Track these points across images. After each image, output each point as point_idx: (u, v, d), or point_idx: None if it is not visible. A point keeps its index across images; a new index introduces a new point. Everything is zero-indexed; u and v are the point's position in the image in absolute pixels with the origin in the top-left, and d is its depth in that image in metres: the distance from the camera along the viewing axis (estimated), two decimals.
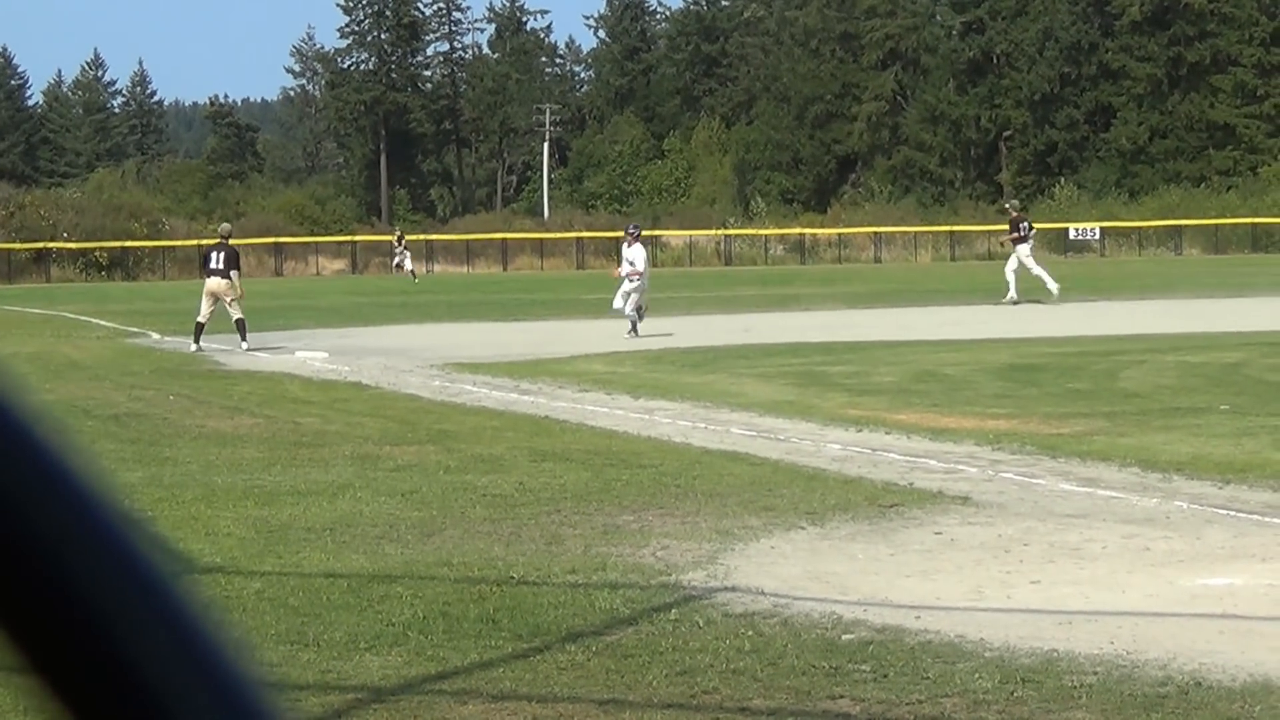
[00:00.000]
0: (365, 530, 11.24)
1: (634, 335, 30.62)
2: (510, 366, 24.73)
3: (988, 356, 24.48)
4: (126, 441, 16.40)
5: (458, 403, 19.89)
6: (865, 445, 15.26)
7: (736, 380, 21.99)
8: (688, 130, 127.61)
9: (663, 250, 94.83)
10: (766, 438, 15.97)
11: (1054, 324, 32.23)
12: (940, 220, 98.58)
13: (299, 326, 35.54)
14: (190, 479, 13.73)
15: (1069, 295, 41.28)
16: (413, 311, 42.89)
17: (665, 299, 47.08)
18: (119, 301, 51.90)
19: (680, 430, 16.68)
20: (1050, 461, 14.05)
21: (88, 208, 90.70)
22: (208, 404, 20.11)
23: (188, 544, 10.71)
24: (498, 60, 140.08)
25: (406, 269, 77.12)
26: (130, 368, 25.97)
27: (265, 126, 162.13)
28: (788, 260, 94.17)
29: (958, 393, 19.76)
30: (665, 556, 10.25)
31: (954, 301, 42.71)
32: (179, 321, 38.37)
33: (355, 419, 18.18)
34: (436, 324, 37.64)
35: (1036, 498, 12.27)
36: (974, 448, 14.98)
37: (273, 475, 13.89)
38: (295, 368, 25.69)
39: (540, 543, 10.72)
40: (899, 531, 10.99)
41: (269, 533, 11.19)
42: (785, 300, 45.39)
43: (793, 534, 10.94)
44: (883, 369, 22.98)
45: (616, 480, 13.24)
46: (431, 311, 42.76)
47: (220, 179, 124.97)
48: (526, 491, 12.77)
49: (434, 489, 12.95)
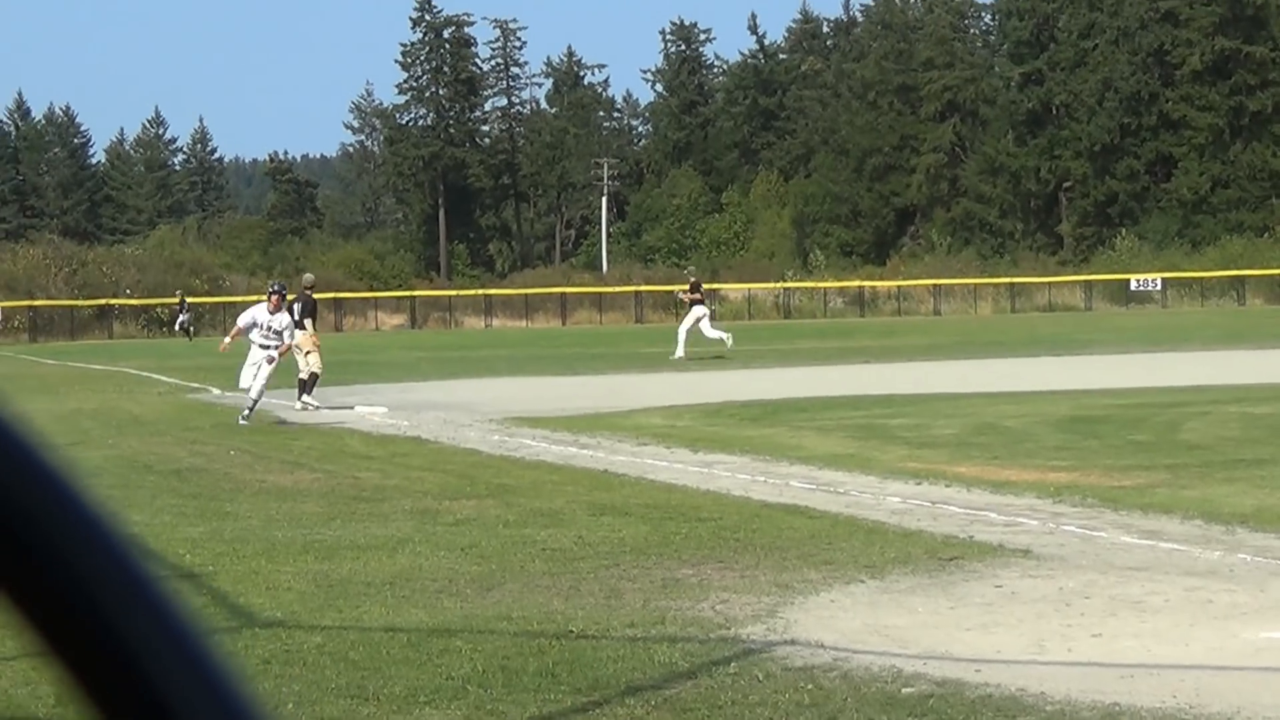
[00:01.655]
0: (424, 585, 11.28)
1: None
2: (569, 420, 24.76)
3: (1048, 408, 24.38)
4: (188, 496, 16.51)
5: (517, 457, 19.93)
6: (925, 498, 15.22)
7: (796, 433, 21.96)
8: (746, 183, 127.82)
9: (722, 304, 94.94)
10: (826, 491, 15.95)
11: (1115, 376, 32.07)
12: (1000, 272, 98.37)
13: (358, 381, 35.70)
14: (251, 533, 13.80)
15: (1130, 346, 41.07)
16: (472, 366, 43.03)
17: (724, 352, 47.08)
18: (180, 358, 52.26)
19: (739, 484, 16.67)
20: (1112, 514, 13.98)
21: (149, 264, 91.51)
22: (268, 459, 20.22)
23: (249, 598, 10.77)
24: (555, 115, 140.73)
25: (184, 328, 77.95)
26: (191, 423, 26.14)
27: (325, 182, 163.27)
28: (847, 313, 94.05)
29: (1018, 445, 19.69)
30: (724, 610, 10.25)
31: (1014, 353, 42.55)
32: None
33: (414, 473, 18.24)
34: (495, 378, 37.73)
35: (1098, 550, 12.21)
36: (1035, 500, 14.92)
37: (332, 530, 13.96)
38: (355, 422, 25.80)
39: (599, 596, 10.73)
40: (959, 585, 10.97)
41: (329, 587, 11.25)
42: (845, 353, 45.30)
43: (852, 587, 10.92)
44: (942, 421, 22.90)
45: (675, 534, 13.24)
46: (491, 366, 42.87)
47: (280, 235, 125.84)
48: (586, 545, 12.79)
49: (493, 543, 12.99)
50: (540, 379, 37.11)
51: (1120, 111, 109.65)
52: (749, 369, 39.22)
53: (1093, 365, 36.49)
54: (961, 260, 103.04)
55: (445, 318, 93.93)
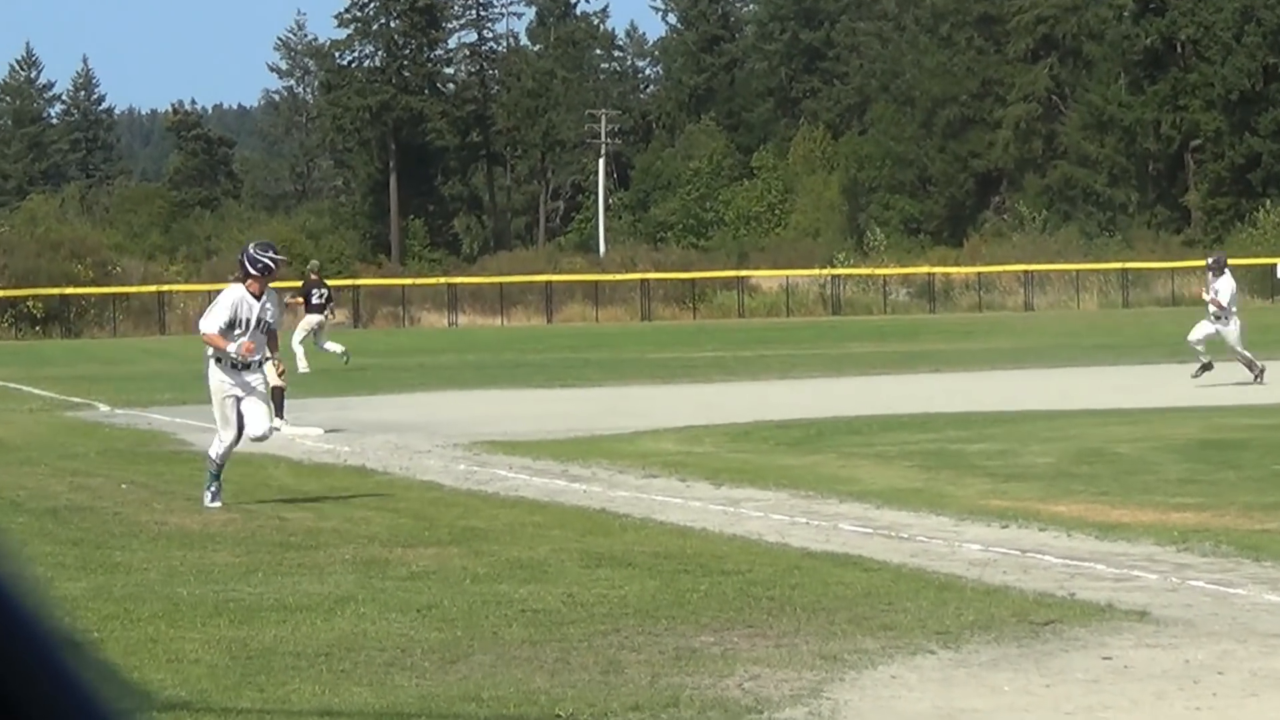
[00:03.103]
0: (370, 656, 11.29)
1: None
2: (556, 445, 24.77)
3: (1171, 430, 24.38)
4: (67, 543, 16.51)
5: (489, 492, 19.95)
6: (1013, 545, 15.23)
7: (847, 462, 21.96)
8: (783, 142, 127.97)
9: (752, 295, 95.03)
10: (885, 536, 15.96)
11: (1257, 389, 32.09)
12: (1109, 256, 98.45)
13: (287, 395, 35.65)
14: (148, 590, 13.81)
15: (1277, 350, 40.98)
16: (432, 376, 43.05)
17: (755, 358, 47.12)
18: (58, 364, 52.27)
19: (774, 526, 16.68)
20: (1253, 566, 13.98)
21: (18, 245, 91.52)
22: (170, 494, 20.23)
23: (145, 673, 10.78)
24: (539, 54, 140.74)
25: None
26: (72, 449, 26.15)
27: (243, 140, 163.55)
28: (913, 308, 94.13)
29: (1133, 477, 19.69)
30: (755, 689, 10.26)
31: (1127, 360, 42.57)
32: (134, 389, 38.64)
33: (357, 513, 18.25)
34: (462, 391, 37.72)
35: (1235, 613, 12.22)
36: (1154, 548, 14.93)
37: (252, 586, 13.97)
38: (281, 448, 25.81)
39: (595, 671, 10.74)
40: (1056, 656, 10.98)
41: (248, 659, 11.26)
42: (910, 360, 45.30)
43: (919, 659, 10.94)
44: (1035, 447, 22.92)
45: (692, 591, 13.25)
46: (456, 376, 42.88)
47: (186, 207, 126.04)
48: (577, 606, 12.80)
49: (458, 603, 13.00)
50: (519, 392, 37.09)
51: (1264, 50, 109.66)
52: (787, 379, 39.21)
53: (1228, 375, 36.48)
54: (1060, 240, 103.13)
55: (397, 313, 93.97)
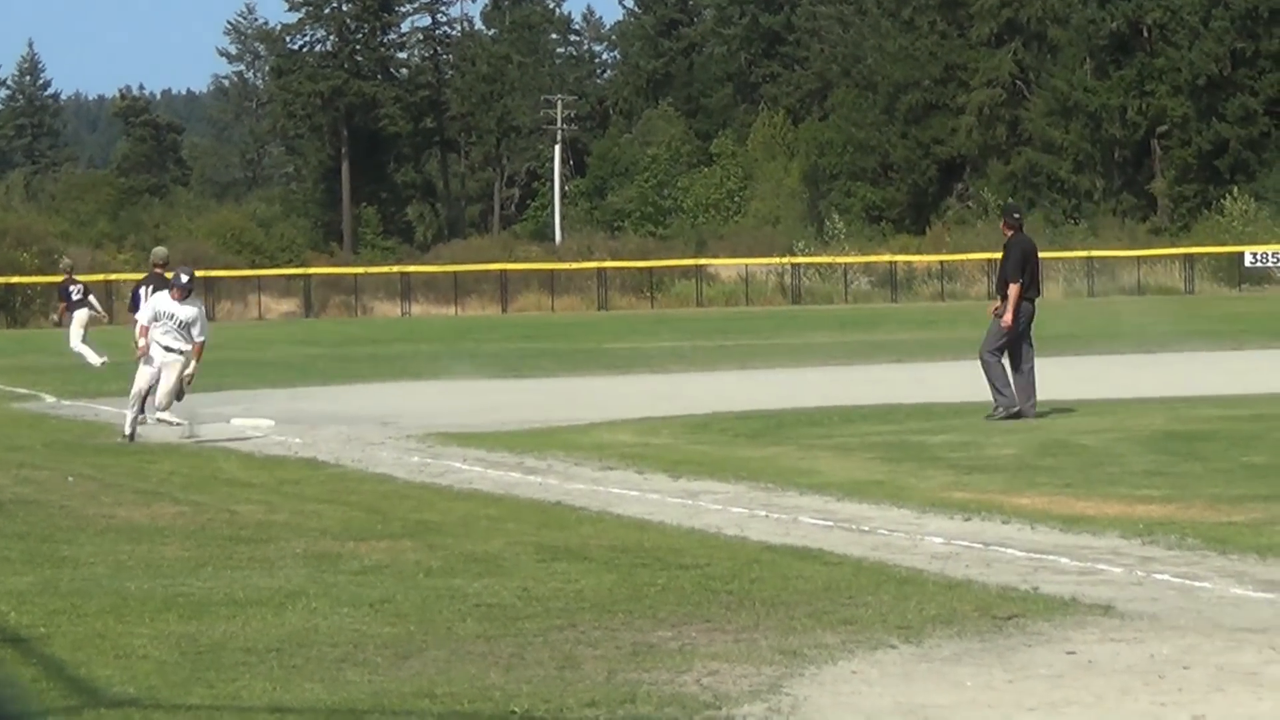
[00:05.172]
0: (322, 651, 11.28)
1: None
2: (511, 437, 24.77)
3: (1136, 421, 24.45)
4: (12, 537, 16.47)
5: (443, 485, 19.94)
6: (976, 538, 15.26)
7: (807, 454, 21.99)
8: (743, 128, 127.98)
9: (710, 284, 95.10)
10: (846, 529, 15.99)
11: (1224, 379, 32.17)
12: (1074, 243, 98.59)
13: (236, 386, 35.63)
14: (96, 585, 13.78)
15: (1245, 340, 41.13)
16: (385, 367, 42.97)
17: (714, 348, 47.13)
18: (2, 355, 52.09)
19: (733, 519, 16.69)
20: (1219, 559, 14.03)
21: None
22: (118, 487, 20.18)
23: (92, 669, 10.76)
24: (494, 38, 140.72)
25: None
26: (17, 441, 26.08)
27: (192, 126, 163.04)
28: (874, 297, 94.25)
29: (1097, 469, 19.74)
30: (713, 685, 10.27)
31: (1092, 350, 42.64)
32: (81, 380, 38.52)
33: (309, 506, 18.23)
34: (415, 382, 37.68)
35: (1200, 606, 12.26)
36: (1118, 541, 14.97)
37: (202, 580, 13.95)
38: (231, 439, 25.76)
39: (550, 667, 10.75)
40: (1019, 651, 11.00)
41: (197, 655, 11.24)
42: (872, 350, 45.34)
43: (880, 654, 10.95)
44: (999, 439, 22.98)
45: (650, 585, 13.26)
46: (410, 366, 42.82)
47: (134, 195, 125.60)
48: (532, 600, 12.80)
49: (411, 597, 12.99)
50: (473, 383, 37.06)
51: (1232, 35, 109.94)
52: (746, 369, 39.23)
53: (1195, 365, 36.59)
54: (1024, 228, 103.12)
55: (349, 303, 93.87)
